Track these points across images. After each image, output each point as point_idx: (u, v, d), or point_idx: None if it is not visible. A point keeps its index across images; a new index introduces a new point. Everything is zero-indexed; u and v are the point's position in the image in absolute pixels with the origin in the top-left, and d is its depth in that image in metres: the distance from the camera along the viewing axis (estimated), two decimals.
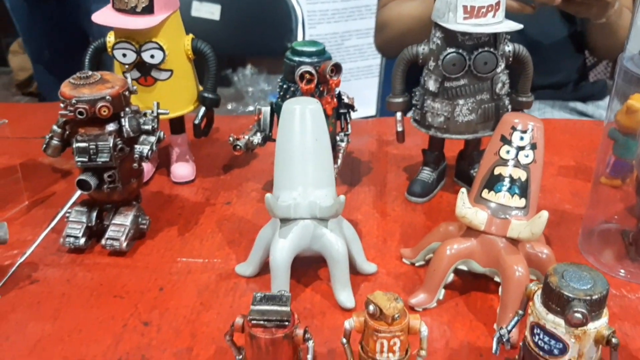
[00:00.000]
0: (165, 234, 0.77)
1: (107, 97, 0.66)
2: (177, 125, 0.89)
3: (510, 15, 0.76)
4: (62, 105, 0.67)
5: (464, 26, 0.71)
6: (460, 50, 0.73)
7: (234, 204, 0.83)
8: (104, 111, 0.66)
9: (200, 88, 0.87)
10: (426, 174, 0.84)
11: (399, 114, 0.82)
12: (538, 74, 1.22)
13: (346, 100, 0.82)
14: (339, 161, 0.82)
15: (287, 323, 0.50)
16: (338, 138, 0.83)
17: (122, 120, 0.68)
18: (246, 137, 0.81)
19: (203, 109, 0.85)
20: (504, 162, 0.62)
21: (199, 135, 0.87)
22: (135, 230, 0.74)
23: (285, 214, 0.62)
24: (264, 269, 0.68)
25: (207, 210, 0.82)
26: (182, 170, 0.88)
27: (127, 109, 0.69)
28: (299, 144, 0.64)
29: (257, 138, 0.81)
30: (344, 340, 0.53)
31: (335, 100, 0.81)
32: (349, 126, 0.83)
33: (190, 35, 0.83)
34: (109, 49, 0.81)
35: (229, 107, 3.79)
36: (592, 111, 1.34)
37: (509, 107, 0.79)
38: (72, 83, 0.68)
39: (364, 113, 3.68)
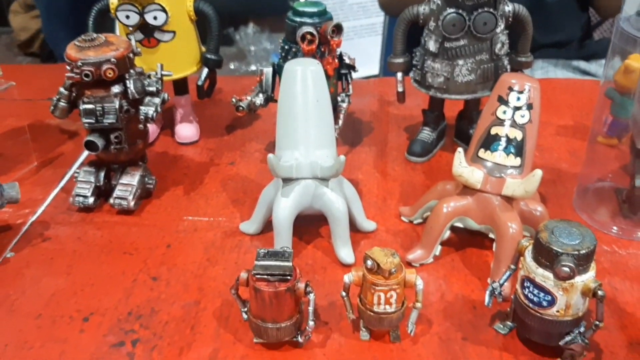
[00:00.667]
0: (172, 194, 0.79)
1: (112, 60, 0.68)
2: (180, 86, 0.90)
3: None
4: (68, 67, 0.68)
5: None
6: (460, 11, 0.74)
7: (238, 164, 0.85)
8: (109, 73, 0.67)
9: (203, 49, 0.87)
10: (426, 134, 0.86)
11: (399, 75, 0.83)
12: (541, 32, 1.22)
13: (347, 61, 0.83)
14: (340, 122, 0.83)
15: (289, 277, 0.53)
16: (339, 99, 0.84)
17: (127, 82, 0.70)
18: (249, 98, 0.82)
19: (206, 70, 0.87)
20: (500, 122, 0.63)
21: (203, 97, 0.88)
22: (142, 190, 0.76)
23: (287, 173, 0.64)
24: (267, 227, 0.70)
25: (212, 170, 0.84)
26: (186, 131, 0.90)
27: (131, 71, 0.71)
28: (301, 105, 0.65)
29: (259, 99, 0.82)
30: (344, 294, 0.55)
31: (336, 60, 0.82)
32: (350, 87, 0.84)
33: None
34: (112, 11, 0.82)
35: (232, 66, 3.76)
36: (595, 70, 1.33)
37: (508, 67, 0.80)
38: (77, 45, 0.69)
39: (367, 72, 3.67)
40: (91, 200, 0.74)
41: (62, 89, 0.70)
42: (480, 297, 0.61)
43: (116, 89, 0.70)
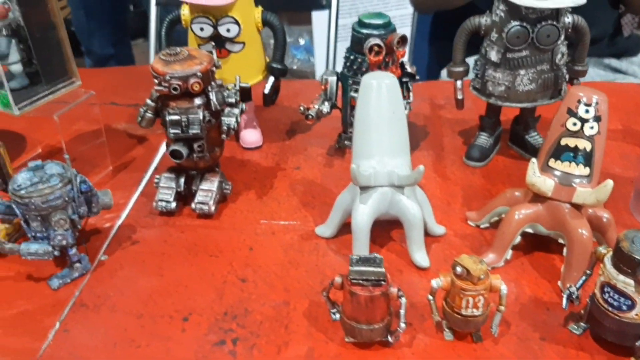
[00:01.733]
0: (245, 197, 0.83)
1: (198, 73, 0.72)
2: (245, 93, 0.94)
3: None
4: (156, 81, 0.72)
5: (529, 1, 0.75)
6: (524, 23, 0.77)
7: (303, 168, 0.89)
8: (196, 87, 0.71)
9: (267, 59, 0.91)
10: (483, 139, 0.89)
11: (459, 82, 0.87)
12: None
13: (409, 70, 0.87)
14: None
15: (383, 282, 0.57)
16: None
17: (210, 94, 0.74)
18: (316, 106, 0.86)
19: (272, 79, 0.90)
20: (570, 134, 0.67)
21: (269, 104, 0.92)
22: (220, 195, 0.80)
23: (366, 182, 0.68)
24: (341, 230, 0.75)
25: (279, 174, 0.88)
26: (251, 136, 0.94)
27: (213, 83, 0.75)
28: (377, 117, 0.69)
29: (325, 107, 0.86)
30: (430, 297, 0.59)
31: (399, 69, 0.85)
32: (411, 94, 0.88)
33: (260, 8, 0.87)
34: (184, 22, 0.86)
35: None
36: (625, 67, 1.35)
37: (567, 76, 0.83)
38: (162, 59, 0.73)
39: None
40: (174, 204, 0.78)
41: (148, 101, 0.74)
42: (551, 299, 0.65)
43: (199, 100, 0.74)
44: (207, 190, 0.79)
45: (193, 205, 0.78)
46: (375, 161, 0.69)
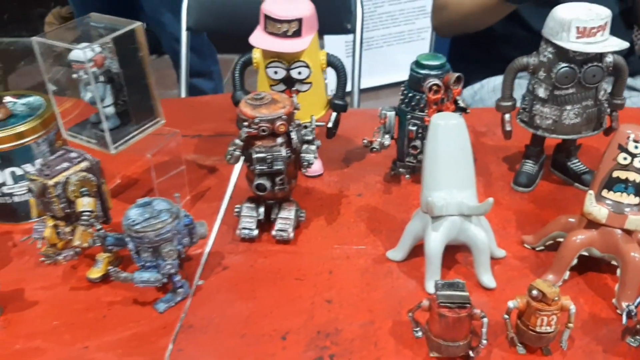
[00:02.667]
0: (316, 224, 0.91)
1: (283, 116, 0.80)
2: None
3: None
4: (245, 123, 0.80)
5: (577, 45, 0.83)
6: (572, 65, 0.85)
7: (364, 195, 0.97)
8: (282, 128, 0.80)
9: (329, 96, 0.99)
10: (529, 166, 0.97)
11: (507, 116, 0.95)
12: None
13: (461, 104, 0.95)
14: None
15: (468, 305, 0.65)
16: None
17: (292, 133, 0.82)
18: (378, 140, 0.94)
19: (335, 114, 0.99)
20: (621, 167, 0.75)
21: (331, 136, 1.00)
22: (296, 222, 0.88)
23: (439, 212, 0.76)
24: (410, 254, 0.83)
25: (343, 201, 0.96)
26: (314, 165, 1.02)
27: (293, 123, 0.83)
28: (445, 154, 0.77)
29: (387, 140, 0.94)
30: (506, 316, 0.67)
31: (453, 105, 0.93)
32: None
33: (325, 51, 0.95)
34: (255, 64, 0.94)
35: None
36: None
37: (608, 109, 0.92)
38: (250, 104, 0.81)
39: (395, 78, 3.78)
40: (255, 232, 0.86)
41: (237, 141, 0.82)
42: (608, 315, 0.73)
43: (281, 139, 0.82)
44: (285, 219, 0.87)
45: (274, 233, 0.86)
46: (445, 193, 0.77)
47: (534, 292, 0.64)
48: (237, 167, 1.04)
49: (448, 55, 1.80)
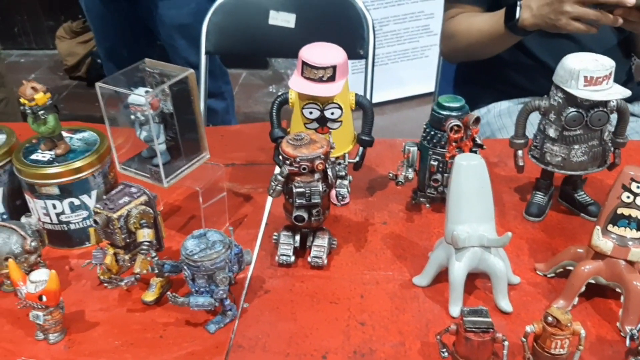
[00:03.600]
0: (346, 250, 1.00)
1: (321, 156, 0.89)
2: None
3: None
4: (287, 162, 0.89)
5: (585, 92, 0.92)
6: (580, 110, 0.94)
7: (389, 223, 1.06)
8: (320, 167, 0.89)
9: (356, 132, 1.08)
10: (540, 198, 1.06)
11: (520, 152, 1.04)
12: None
13: (478, 141, 1.04)
14: None
15: (491, 330, 0.74)
16: None
17: (328, 170, 0.91)
18: (402, 173, 1.03)
19: (362, 148, 1.07)
20: (624, 205, 0.84)
21: (358, 169, 1.09)
22: (329, 249, 0.97)
23: (463, 244, 0.85)
24: (434, 280, 0.91)
25: (370, 229, 1.05)
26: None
27: (328, 161, 0.92)
28: (467, 191, 0.86)
29: (410, 174, 1.04)
30: (524, 339, 0.76)
31: (471, 142, 1.02)
32: None
33: (354, 92, 1.04)
34: (291, 104, 1.03)
35: (271, 89, 4.00)
36: (638, 110, 1.52)
37: (612, 148, 1.01)
38: (291, 144, 0.90)
39: (399, 94, 3.87)
40: (292, 258, 0.95)
41: (279, 177, 0.91)
42: (613, 337, 0.82)
43: (318, 175, 0.91)
44: (320, 246, 0.95)
45: (309, 259, 0.95)
46: (468, 226, 0.86)
47: (549, 319, 0.73)
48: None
49: (454, 78, 1.90)
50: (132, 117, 0.92)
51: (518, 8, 1.31)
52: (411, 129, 3.21)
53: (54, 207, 0.96)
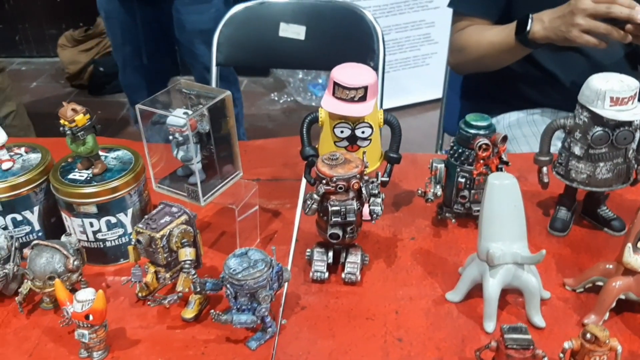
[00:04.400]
0: (378, 266, 1.02)
1: (357, 175, 0.91)
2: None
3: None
4: (323, 181, 0.91)
5: (611, 112, 0.95)
6: (606, 129, 0.97)
7: (417, 238, 1.08)
8: (356, 186, 0.91)
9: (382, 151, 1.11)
10: (563, 213, 1.09)
11: (545, 169, 1.07)
12: None
13: (505, 159, 1.06)
14: None
15: (532, 347, 0.76)
16: None
17: (362, 188, 0.93)
18: (431, 190, 1.05)
19: (389, 165, 1.10)
20: None
21: (385, 185, 1.11)
22: (362, 265, 0.99)
23: (498, 262, 0.87)
24: (466, 296, 0.94)
25: (399, 245, 1.07)
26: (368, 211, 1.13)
27: (363, 180, 0.94)
28: (500, 210, 0.88)
29: (438, 190, 1.06)
30: (562, 355, 0.78)
31: (497, 160, 1.05)
32: None
33: (382, 110, 1.07)
34: (320, 123, 1.05)
35: (273, 96, 4.02)
36: None
37: (635, 165, 1.03)
38: (327, 164, 0.92)
39: (400, 102, 3.91)
40: (326, 275, 0.97)
41: (315, 196, 0.93)
42: None
43: (352, 193, 0.93)
44: (353, 262, 0.97)
45: (343, 275, 0.97)
46: (501, 244, 0.88)
47: (588, 336, 0.75)
48: (298, 212, 1.15)
49: (461, 89, 1.93)
50: (170, 137, 0.94)
51: (530, 20, 1.34)
52: (415, 137, 3.25)
53: (91, 225, 0.98)
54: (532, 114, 1.63)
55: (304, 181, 1.23)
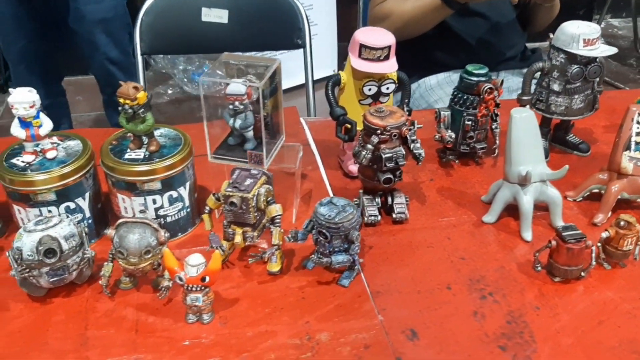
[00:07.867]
0: (413, 205, 1.14)
1: (405, 123, 1.03)
2: None
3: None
4: (377, 131, 1.02)
5: (585, 51, 1.16)
6: (581, 66, 1.18)
7: (435, 179, 1.23)
8: (406, 132, 1.03)
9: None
10: (543, 142, 1.30)
11: (527, 107, 1.26)
12: (500, 49, 1.73)
13: (497, 101, 1.24)
14: (497, 141, 1.25)
15: (584, 238, 0.94)
16: (493, 126, 1.25)
17: (408, 135, 1.05)
18: (447, 134, 1.20)
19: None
20: (637, 134, 1.09)
21: None
22: (407, 205, 1.11)
23: (534, 179, 1.05)
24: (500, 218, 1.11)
25: (422, 186, 1.21)
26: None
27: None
28: (524, 137, 1.06)
29: (452, 133, 1.21)
30: (599, 244, 0.98)
31: (494, 102, 1.22)
32: (499, 118, 1.25)
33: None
34: (343, 84, 1.15)
35: (158, 89, 3.97)
36: None
37: (599, 95, 1.26)
38: (377, 116, 1.03)
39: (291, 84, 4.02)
40: (379, 217, 1.08)
41: (369, 145, 1.03)
42: None
43: (398, 141, 1.05)
44: (401, 203, 1.10)
45: (394, 215, 1.09)
46: (530, 166, 1.05)
47: (622, 223, 0.95)
48: (322, 171, 1.24)
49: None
50: (231, 106, 0.99)
51: None
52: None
53: (154, 202, 1.00)
54: (450, 76, 1.83)
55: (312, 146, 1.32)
